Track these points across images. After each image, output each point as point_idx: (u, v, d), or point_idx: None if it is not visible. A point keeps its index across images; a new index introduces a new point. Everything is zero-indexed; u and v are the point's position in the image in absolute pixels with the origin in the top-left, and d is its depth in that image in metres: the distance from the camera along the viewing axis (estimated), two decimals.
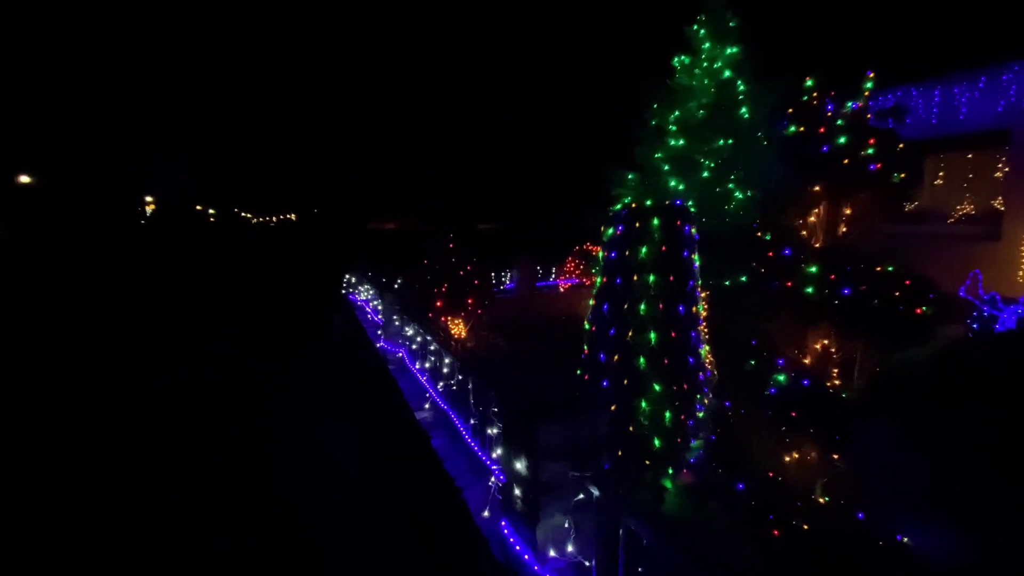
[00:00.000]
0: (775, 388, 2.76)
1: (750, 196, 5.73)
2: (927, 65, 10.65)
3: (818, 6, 13.14)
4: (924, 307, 2.49)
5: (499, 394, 5.13)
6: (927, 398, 2.21)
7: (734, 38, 6.22)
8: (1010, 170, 9.64)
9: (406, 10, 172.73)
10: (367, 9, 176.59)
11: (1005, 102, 9.56)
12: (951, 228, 10.82)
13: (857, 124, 2.68)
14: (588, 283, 12.09)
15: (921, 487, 2.17)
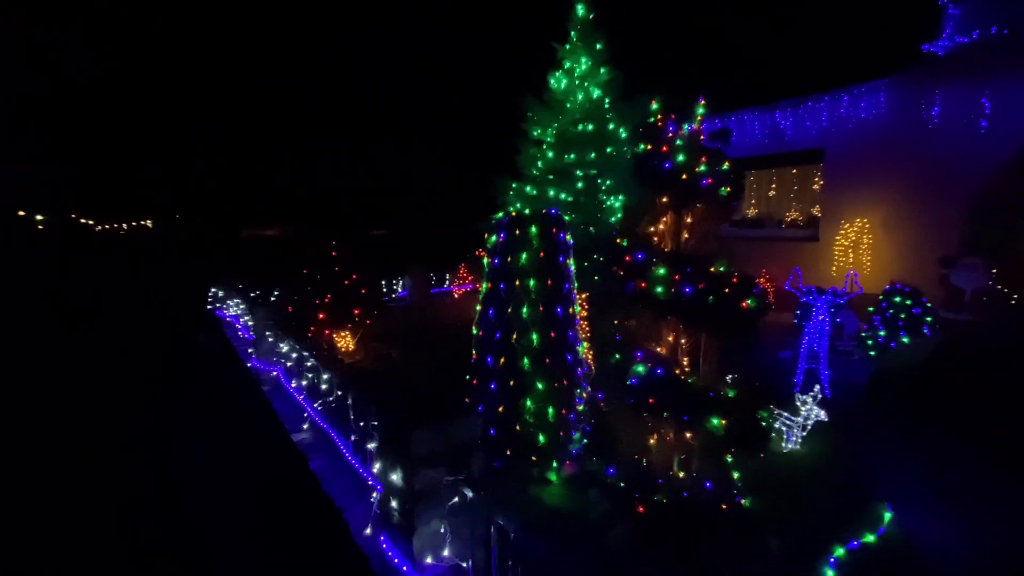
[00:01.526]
0: (635, 378, 3.07)
1: (619, 205, 6.29)
2: (759, 94, 12.50)
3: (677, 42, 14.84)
4: (749, 301, 2.95)
5: (377, 406, 5.04)
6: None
7: (603, 59, 6.77)
8: (824, 182, 11.68)
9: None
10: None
11: (819, 126, 11.57)
12: (783, 232, 12.82)
13: (692, 144, 3.11)
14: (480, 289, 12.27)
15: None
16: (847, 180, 10.95)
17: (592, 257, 5.63)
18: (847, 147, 10.89)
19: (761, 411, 2.98)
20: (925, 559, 3.34)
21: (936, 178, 9.50)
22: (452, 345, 5.79)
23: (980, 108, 8.96)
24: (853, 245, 10.65)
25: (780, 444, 4.84)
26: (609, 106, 6.72)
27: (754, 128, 12.60)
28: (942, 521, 3.72)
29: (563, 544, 2.98)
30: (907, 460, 4.65)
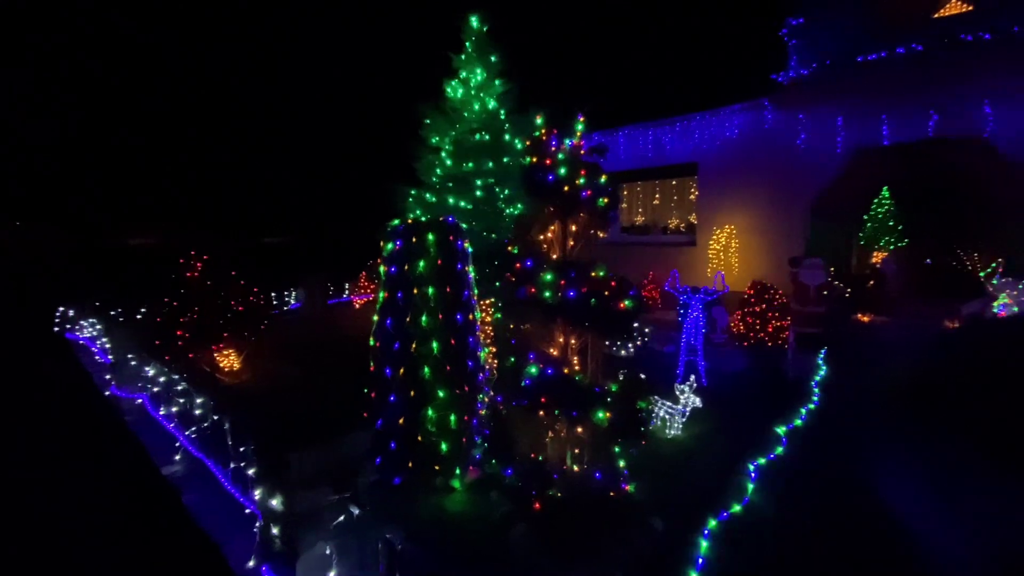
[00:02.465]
0: (528, 379, 3.20)
1: (517, 214, 6.50)
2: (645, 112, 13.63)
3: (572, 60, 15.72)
4: (626, 302, 3.22)
5: (256, 428, 4.72)
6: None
7: (497, 71, 6.98)
8: (699, 193, 13.00)
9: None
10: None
11: (693, 143, 12.86)
12: (666, 237, 14.06)
13: (573, 158, 3.34)
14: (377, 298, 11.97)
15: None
16: (717, 191, 12.32)
17: (493, 264, 5.76)
18: (716, 162, 12.27)
19: (640, 402, 3.27)
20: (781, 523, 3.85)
21: (785, 191, 11.05)
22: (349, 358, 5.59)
23: (814, 131, 10.60)
24: (724, 249, 12.00)
25: (664, 431, 5.30)
26: (505, 117, 6.94)
27: (640, 142, 13.71)
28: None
29: (464, 549, 3.02)
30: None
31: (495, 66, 6.88)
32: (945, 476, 4.33)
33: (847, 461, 4.71)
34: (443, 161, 6.81)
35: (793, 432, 5.32)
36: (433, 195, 6.69)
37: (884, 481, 4.29)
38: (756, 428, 5.44)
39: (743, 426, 5.54)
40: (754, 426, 5.50)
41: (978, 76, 8.74)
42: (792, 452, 4.89)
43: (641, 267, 12.84)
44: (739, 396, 6.60)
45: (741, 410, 6.02)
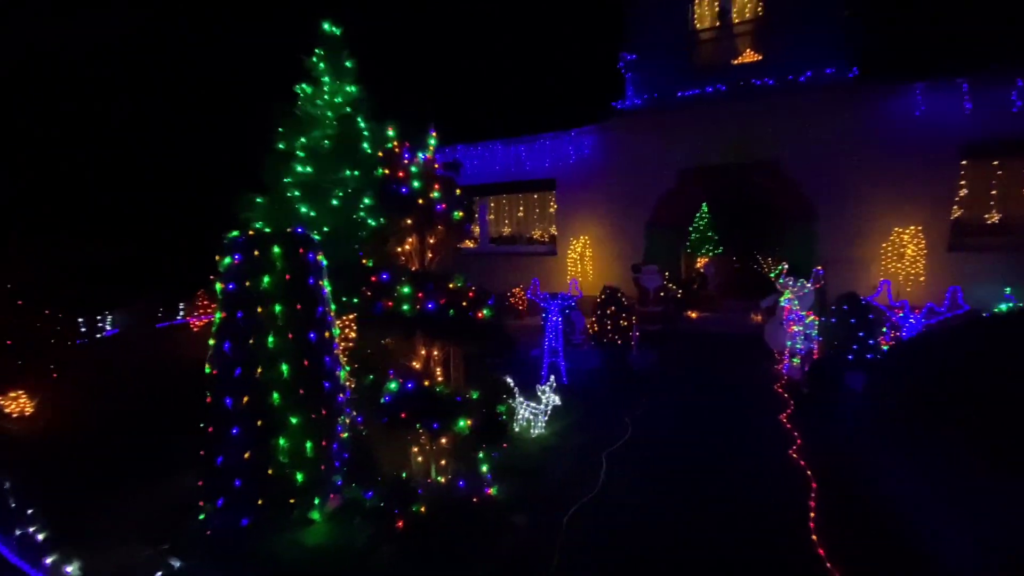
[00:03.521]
0: (388, 395, 3.13)
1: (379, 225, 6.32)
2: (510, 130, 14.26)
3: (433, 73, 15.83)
4: (485, 311, 3.34)
5: (51, 483, 3.94)
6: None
7: (352, 77, 6.74)
8: (558, 206, 13.94)
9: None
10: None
11: (550, 160, 13.77)
12: (531, 248, 14.83)
13: (427, 171, 3.38)
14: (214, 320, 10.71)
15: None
16: (573, 205, 13.38)
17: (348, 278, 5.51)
18: (571, 178, 13.33)
19: (500, 407, 3.40)
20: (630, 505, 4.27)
21: (628, 205, 12.43)
22: (181, 389, 4.90)
23: (648, 153, 12.13)
24: (580, 257, 13.06)
25: (529, 431, 5.57)
26: (365, 125, 6.72)
27: (505, 158, 14.32)
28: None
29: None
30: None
31: (349, 71, 6.64)
32: (754, 440, 5.24)
33: (680, 437, 5.44)
34: (294, 168, 6.35)
35: (638, 418, 5.97)
36: (282, 204, 6.19)
37: (709, 452, 5.04)
38: (610, 418, 6.00)
39: (599, 417, 6.06)
40: (608, 416, 6.06)
41: (768, 112, 10.81)
42: (637, 434, 5.48)
43: (509, 276, 13.34)
44: (595, 390, 7.21)
45: (597, 403, 6.58)
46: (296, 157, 6.40)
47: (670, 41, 11.65)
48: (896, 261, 10.06)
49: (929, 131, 9.77)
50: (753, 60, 11.22)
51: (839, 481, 4.36)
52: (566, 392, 6.67)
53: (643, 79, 12.13)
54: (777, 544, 3.56)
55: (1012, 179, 9.71)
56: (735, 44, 11.60)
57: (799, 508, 3.97)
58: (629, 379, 7.67)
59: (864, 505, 3.99)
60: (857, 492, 4.18)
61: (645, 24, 12.23)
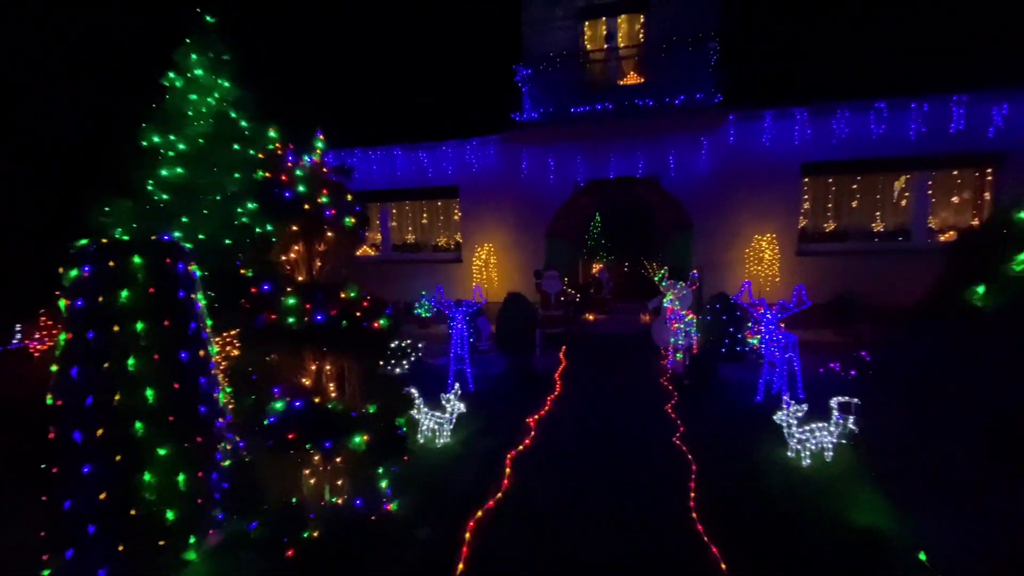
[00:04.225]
0: (273, 416, 2.92)
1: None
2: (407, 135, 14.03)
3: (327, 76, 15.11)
4: (382, 321, 3.25)
5: None
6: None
7: (230, 72, 6.22)
8: (462, 214, 13.98)
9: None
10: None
11: (453, 167, 13.79)
12: (436, 255, 14.70)
13: (314, 176, 3.23)
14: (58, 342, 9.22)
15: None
16: (477, 213, 13.51)
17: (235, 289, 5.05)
18: (474, 186, 13.46)
19: (399, 419, 3.33)
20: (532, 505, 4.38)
21: (529, 214, 12.85)
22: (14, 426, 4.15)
23: (545, 165, 12.66)
24: (485, 265, 13.21)
25: (435, 441, 5.50)
26: (246, 125, 6.22)
27: (408, 163, 14.07)
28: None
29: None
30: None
31: (227, 65, 6.12)
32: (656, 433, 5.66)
33: (578, 433, 5.71)
34: (162, 169, 5.68)
35: (542, 420, 6.17)
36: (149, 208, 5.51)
37: (604, 445, 5.35)
38: (514, 421, 6.13)
39: (504, 422, 6.16)
40: (513, 420, 6.18)
41: (649, 131, 11.83)
42: (540, 435, 5.66)
43: (414, 284, 13.09)
44: (501, 395, 7.32)
45: (502, 407, 6.69)
46: (166, 157, 5.74)
47: (563, 59, 12.29)
48: (757, 264, 11.51)
49: (778, 152, 11.37)
50: (636, 82, 12.23)
51: (715, 460, 4.87)
52: (472, 399, 6.69)
53: (539, 93, 12.65)
54: (664, 525, 3.87)
55: (843, 194, 11.62)
56: (621, 66, 12.56)
57: (682, 489, 4.36)
58: (533, 382, 7.90)
59: (734, 481, 4.49)
60: (729, 470, 4.70)
61: (540, 41, 12.79)
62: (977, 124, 10.33)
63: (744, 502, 4.16)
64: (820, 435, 4.70)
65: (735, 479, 4.54)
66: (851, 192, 11.60)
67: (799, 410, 4.75)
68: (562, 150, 12.58)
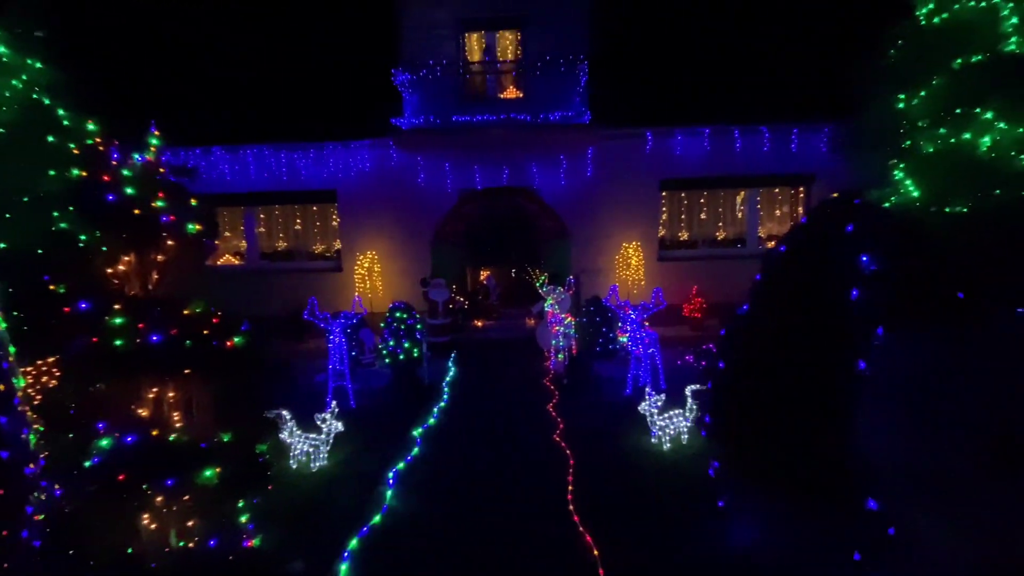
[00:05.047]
0: (98, 456, 2.49)
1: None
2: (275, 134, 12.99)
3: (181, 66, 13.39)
4: (236, 339, 2.95)
5: None
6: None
7: (44, 53, 5.22)
8: (341, 220, 13.29)
9: None
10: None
11: (329, 170, 13.07)
12: (313, 264, 13.79)
13: (147, 176, 2.84)
14: None
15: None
16: (357, 219, 12.95)
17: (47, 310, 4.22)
18: (354, 191, 12.88)
19: (260, 446, 3.05)
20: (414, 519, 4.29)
21: (414, 221, 12.65)
22: None
23: (429, 172, 12.60)
24: (368, 273, 12.69)
25: (309, 464, 5.13)
26: (65, 115, 5.25)
27: (274, 164, 13.01)
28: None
29: None
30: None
31: (38, 44, 5.12)
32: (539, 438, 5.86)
33: (464, 440, 5.74)
34: None
35: (427, 431, 6.08)
36: None
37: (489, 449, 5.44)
38: (399, 435, 5.95)
39: (388, 437, 5.95)
40: (397, 434, 6.00)
41: (528, 144, 12.35)
42: (425, 447, 5.58)
43: (288, 295, 12.09)
44: (385, 409, 7.07)
45: (386, 422, 6.46)
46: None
47: (444, 68, 12.34)
48: (626, 269, 12.60)
49: (640, 169, 12.61)
50: (515, 96, 12.73)
51: (590, 452, 5.22)
52: (354, 416, 6.38)
53: (421, 100, 12.54)
54: (545, 520, 4.05)
55: (693, 207, 13.24)
56: (500, 80, 12.98)
57: (561, 484, 4.60)
58: (420, 393, 7.75)
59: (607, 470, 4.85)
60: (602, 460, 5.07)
61: (421, 47, 12.69)
62: (793, 151, 12.49)
63: (615, 488, 4.51)
64: (677, 421, 5.27)
65: (607, 468, 4.91)
66: (700, 205, 13.27)
67: (659, 400, 5.29)
68: (447, 158, 12.60)
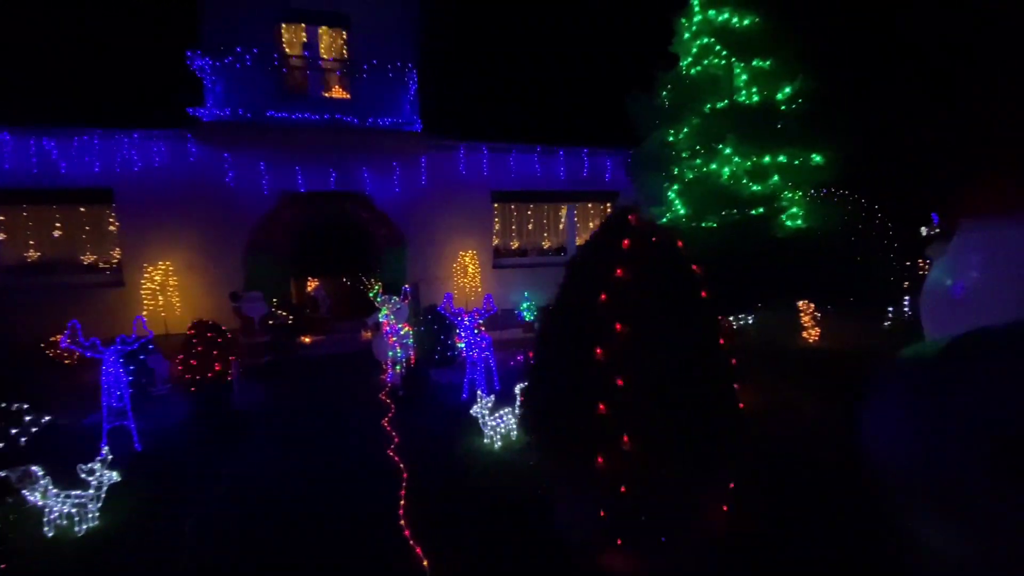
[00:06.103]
0: None
1: None
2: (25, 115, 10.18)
3: None
4: None
5: None
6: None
7: None
8: (120, 225, 10.96)
9: None
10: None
11: (104, 164, 10.70)
12: (83, 278, 11.08)
13: None
14: None
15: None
16: (145, 224, 10.82)
17: None
18: (139, 191, 10.74)
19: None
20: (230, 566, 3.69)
21: (222, 227, 11.07)
22: None
23: (241, 172, 11.19)
24: (162, 288, 10.67)
25: (73, 528, 4.07)
26: None
27: (17, 155, 10.14)
28: None
29: None
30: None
31: None
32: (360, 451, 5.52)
33: (286, 469, 5.16)
34: None
35: (238, 469, 5.31)
36: None
37: (314, 476, 4.99)
38: (199, 478, 5.08)
39: (187, 480, 5.04)
40: (197, 476, 5.12)
41: (357, 148, 11.81)
42: (236, 485, 4.86)
43: (49, 317, 9.46)
44: (183, 448, 5.99)
45: (184, 464, 5.47)
46: None
47: (257, 57, 11.11)
48: (464, 277, 12.91)
49: (472, 180, 13.09)
50: (342, 97, 12.10)
51: (424, 463, 5.15)
52: (139, 461, 5.28)
53: (228, 90, 11.09)
54: (376, 541, 3.85)
55: (523, 218, 14.18)
56: (326, 78, 12.20)
57: (393, 500, 4.43)
58: (231, 424, 6.75)
59: (440, 479, 4.84)
60: (436, 469, 5.04)
61: (229, 31, 11.24)
62: (600, 171, 14.26)
63: (448, 495, 4.52)
64: (507, 419, 5.53)
65: (441, 476, 4.89)
66: (528, 217, 14.30)
67: (489, 401, 5.49)
68: (262, 157, 11.34)
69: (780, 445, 5.06)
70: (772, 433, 5.33)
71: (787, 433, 5.43)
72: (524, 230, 14.33)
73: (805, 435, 5.37)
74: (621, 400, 2.88)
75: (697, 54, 9.53)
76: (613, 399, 2.89)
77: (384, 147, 11.97)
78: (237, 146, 11.14)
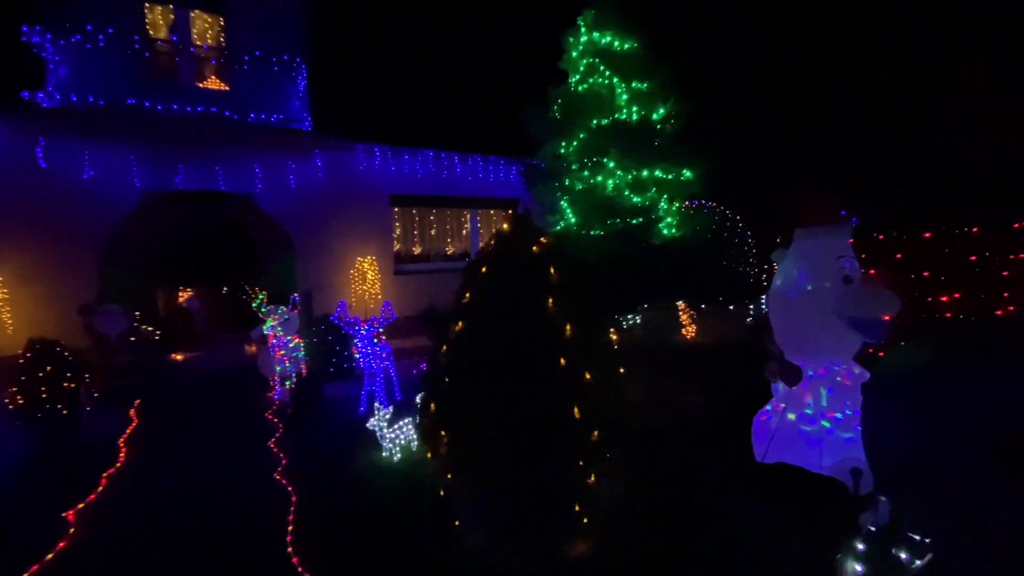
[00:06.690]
0: None
1: None
2: None
3: None
4: None
5: None
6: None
7: None
8: None
9: None
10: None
11: None
12: None
13: None
14: None
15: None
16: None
17: None
18: None
19: None
20: None
21: (68, 229, 9.52)
22: None
23: (97, 167, 9.74)
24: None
25: None
26: None
27: None
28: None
29: None
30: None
31: None
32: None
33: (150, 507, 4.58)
34: None
35: (90, 510, 4.61)
36: None
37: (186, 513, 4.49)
38: (36, 522, 4.32)
39: (12, 530, 4.26)
40: (34, 520, 4.35)
41: (239, 145, 10.83)
42: (85, 533, 4.22)
43: None
44: (16, 488, 5.06)
45: (15, 507, 4.63)
46: None
47: (113, 36, 9.75)
48: (362, 284, 12.41)
49: (370, 182, 12.65)
50: (220, 88, 11.05)
51: (316, 483, 4.87)
52: None
53: (76, 72, 9.60)
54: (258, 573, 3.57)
55: (425, 223, 14.00)
56: (199, 66, 11.06)
57: (281, 526, 4.14)
58: (78, 459, 5.83)
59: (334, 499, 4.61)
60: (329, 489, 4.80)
61: (76, 3, 9.73)
62: (503, 178, 14.55)
63: (342, 515, 4.32)
64: (407, 430, 5.43)
65: (334, 496, 4.67)
66: (430, 222, 14.16)
67: (387, 413, 5.35)
68: (122, 151, 9.95)
69: (660, 435, 5.53)
70: (654, 424, 5.81)
71: (665, 424, 5.95)
72: (427, 235, 14.16)
73: (679, 425, 5.93)
74: (450, 398, 3.17)
75: (584, 72, 10.15)
76: (443, 397, 3.17)
77: (270, 145, 11.12)
78: (92, 138, 9.66)
